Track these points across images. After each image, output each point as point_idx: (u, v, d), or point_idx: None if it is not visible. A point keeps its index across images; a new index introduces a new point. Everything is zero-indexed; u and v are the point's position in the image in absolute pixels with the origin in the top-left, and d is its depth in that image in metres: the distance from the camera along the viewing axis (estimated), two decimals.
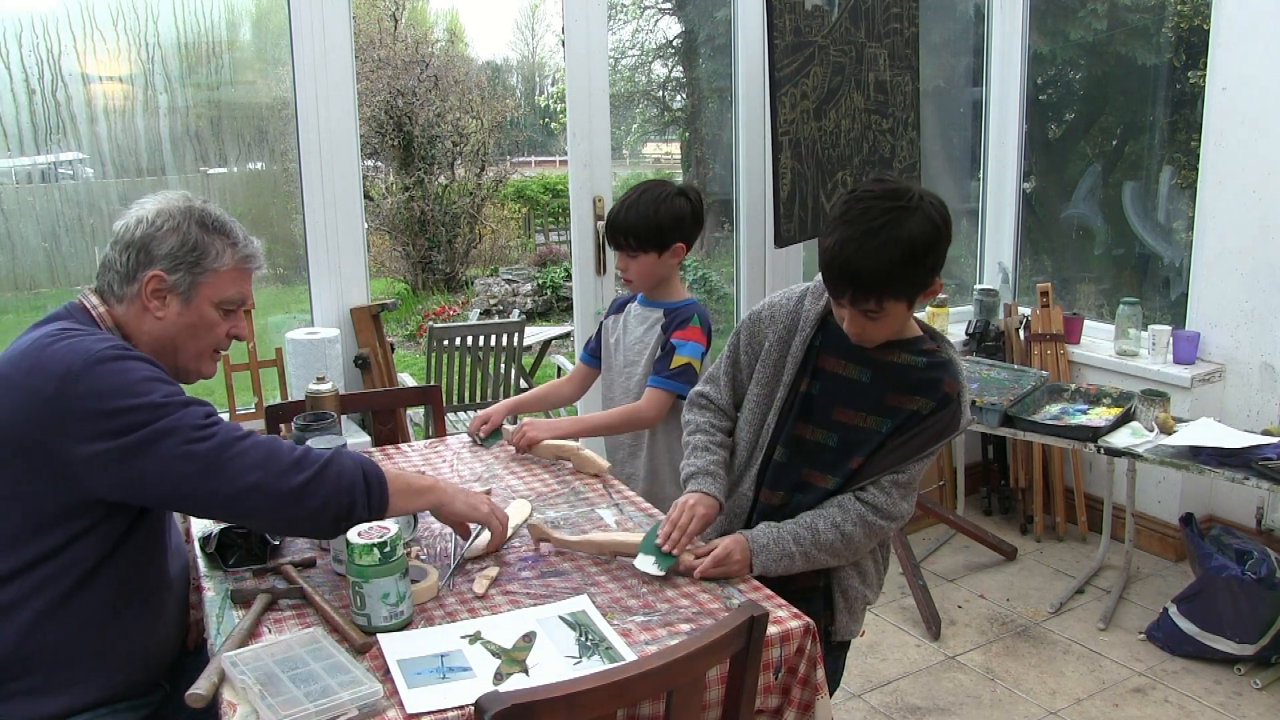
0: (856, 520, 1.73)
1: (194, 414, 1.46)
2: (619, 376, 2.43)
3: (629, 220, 2.28)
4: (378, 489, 1.56)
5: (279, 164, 3.24)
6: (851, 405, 1.76)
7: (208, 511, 1.53)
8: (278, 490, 1.46)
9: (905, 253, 1.58)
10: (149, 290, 1.58)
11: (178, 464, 1.42)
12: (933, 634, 3.15)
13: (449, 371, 4.86)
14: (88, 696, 1.52)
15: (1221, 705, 2.77)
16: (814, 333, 1.80)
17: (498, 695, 1.17)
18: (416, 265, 11.03)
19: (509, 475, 2.19)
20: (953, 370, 1.74)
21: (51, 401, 1.41)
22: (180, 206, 1.62)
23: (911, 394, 1.73)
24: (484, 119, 11.27)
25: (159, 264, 1.58)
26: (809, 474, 1.81)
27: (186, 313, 1.61)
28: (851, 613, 1.85)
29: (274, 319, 3.39)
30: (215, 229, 1.63)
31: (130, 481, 1.43)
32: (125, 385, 1.44)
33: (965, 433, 3.84)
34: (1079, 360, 3.89)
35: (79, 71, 2.83)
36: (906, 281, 1.62)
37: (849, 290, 1.62)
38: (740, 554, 1.70)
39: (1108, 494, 3.55)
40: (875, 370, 1.75)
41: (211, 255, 1.61)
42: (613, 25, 9.41)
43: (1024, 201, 4.34)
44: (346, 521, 1.53)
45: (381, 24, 10.83)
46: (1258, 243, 3.39)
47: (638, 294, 2.44)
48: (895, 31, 3.52)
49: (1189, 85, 4.03)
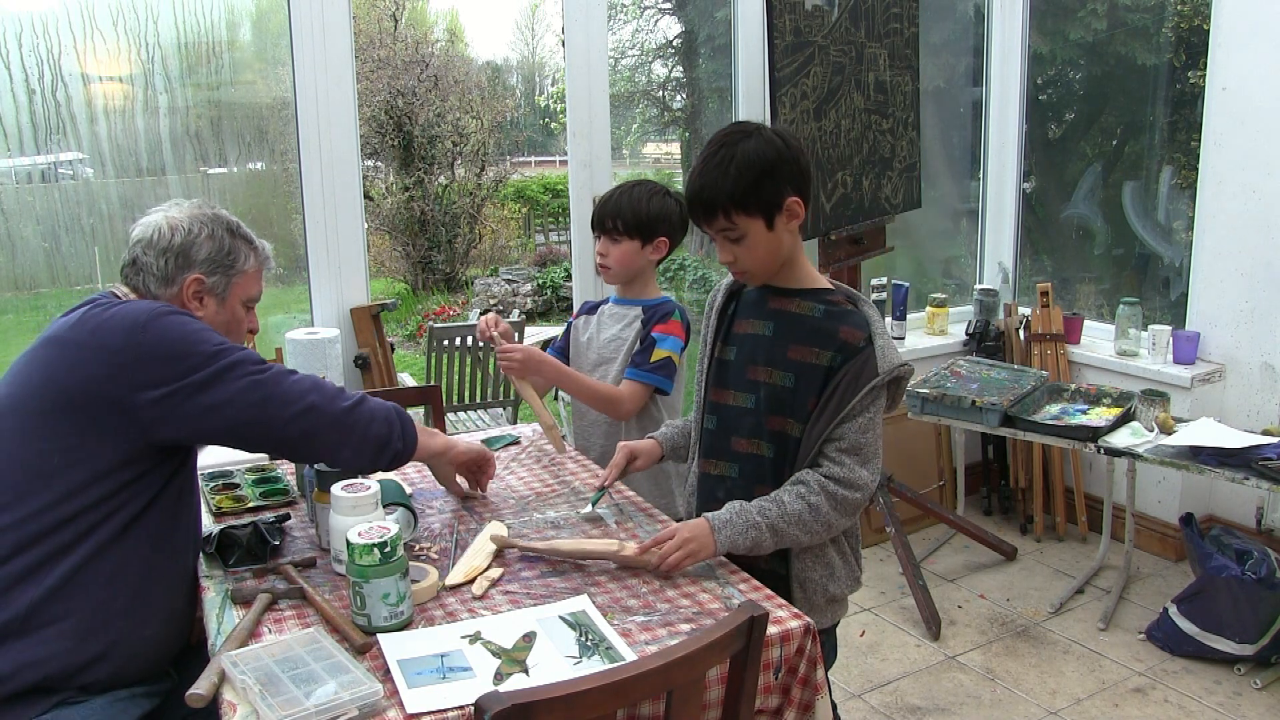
0: (818, 490, 1.70)
1: (250, 354, 1.65)
2: (591, 373, 2.39)
3: (618, 204, 2.31)
4: (409, 423, 1.75)
5: (279, 164, 3.23)
6: (761, 362, 1.80)
7: (266, 434, 1.63)
8: (331, 411, 1.64)
9: (740, 167, 1.66)
10: (190, 292, 1.74)
11: (244, 393, 1.59)
12: (933, 634, 3.15)
13: (449, 371, 4.86)
14: (115, 650, 1.59)
15: (1221, 705, 2.77)
16: (725, 301, 1.89)
17: (498, 695, 1.17)
18: (416, 265, 11.03)
19: (509, 475, 2.19)
20: (853, 320, 1.73)
21: (121, 352, 1.56)
22: (210, 215, 1.79)
23: (809, 345, 1.74)
24: (484, 119, 11.28)
25: (199, 268, 1.75)
26: (737, 441, 1.83)
27: (222, 311, 1.79)
28: (811, 604, 1.81)
29: (274, 319, 3.39)
30: (240, 235, 1.81)
31: (197, 416, 1.57)
32: (188, 334, 1.61)
33: (967, 433, 3.86)
34: (1079, 360, 3.89)
35: (79, 71, 2.83)
36: (752, 196, 1.67)
37: (701, 213, 1.73)
38: (699, 534, 1.68)
39: (1108, 494, 3.55)
40: (777, 323, 1.79)
41: (242, 259, 1.80)
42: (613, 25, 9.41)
43: (1024, 201, 4.34)
44: (384, 451, 1.70)
45: (381, 24, 10.83)
46: (1258, 243, 3.39)
47: (610, 296, 2.45)
48: (895, 31, 3.52)
49: (1189, 85, 4.03)
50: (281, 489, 2.06)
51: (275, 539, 1.77)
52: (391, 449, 1.71)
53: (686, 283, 8.81)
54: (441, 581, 1.67)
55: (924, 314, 4.22)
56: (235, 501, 2.00)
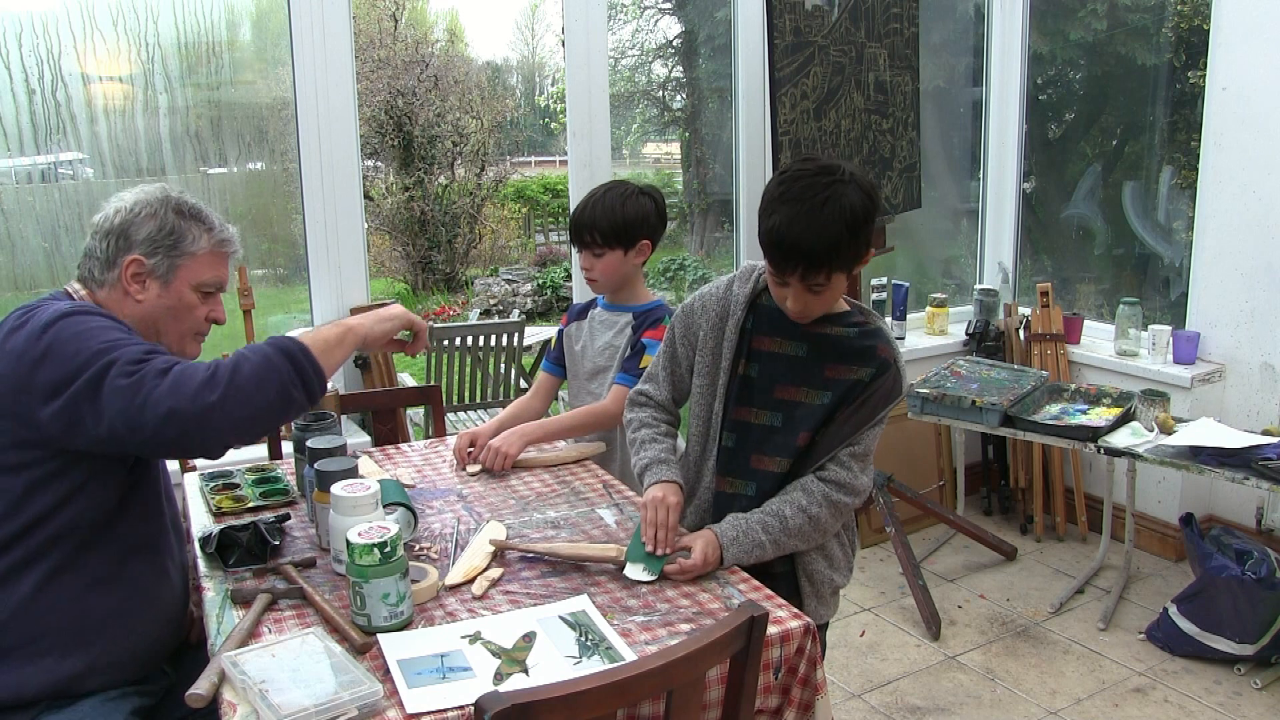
0: (821, 501, 1.76)
1: (129, 353, 1.48)
2: (588, 383, 2.39)
3: (594, 216, 2.25)
4: (300, 356, 1.53)
5: (279, 164, 3.23)
6: (792, 381, 1.80)
7: (149, 443, 1.48)
8: (195, 410, 1.43)
9: (849, 225, 1.62)
10: (129, 274, 1.64)
11: (111, 400, 1.44)
12: (933, 634, 3.15)
13: (449, 371, 4.86)
14: (99, 660, 1.56)
15: (1221, 705, 2.77)
16: (745, 315, 1.83)
17: (498, 695, 1.17)
18: (416, 265, 11.04)
19: (509, 475, 2.19)
20: (884, 337, 1.80)
21: (22, 362, 1.47)
22: (158, 195, 1.67)
23: (849, 364, 1.77)
24: (484, 119, 11.28)
25: (138, 248, 1.64)
26: (757, 459, 1.83)
27: (166, 295, 1.66)
28: (819, 597, 1.86)
29: (274, 319, 3.39)
30: (191, 215, 1.68)
31: (92, 426, 1.46)
32: (79, 334, 1.48)
33: (967, 433, 3.86)
34: (1079, 360, 3.89)
35: (79, 71, 2.83)
36: (851, 253, 1.66)
37: (800, 266, 1.65)
38: (712, 552, 1.71)
39: (1108, 494, 3.55)
40: (811, 344, 1.79)
41: (188, 239, 1.67)
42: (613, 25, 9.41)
43: (1024, 201, 4.34)
44: (286, 410, 1.52)
45: (381, 24, 10.84)
46: (1258, 243, 3.39)
47: (598, 298, 2.42)
48: (895, 31, 3.52)
49: (1189, 85, 4.02)
50: (281, 489, 2.06)
51: (275, 539, 1.76)
52: (294, 404, 1.52)
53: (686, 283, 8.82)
54: (441, 581, 1.67)
55: (924, 314, 4.22)
56: (235, 501, 2.00)
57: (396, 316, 1.75)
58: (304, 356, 1.53)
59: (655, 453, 1.87)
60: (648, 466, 1.85)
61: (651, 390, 1.97)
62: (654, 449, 1.88)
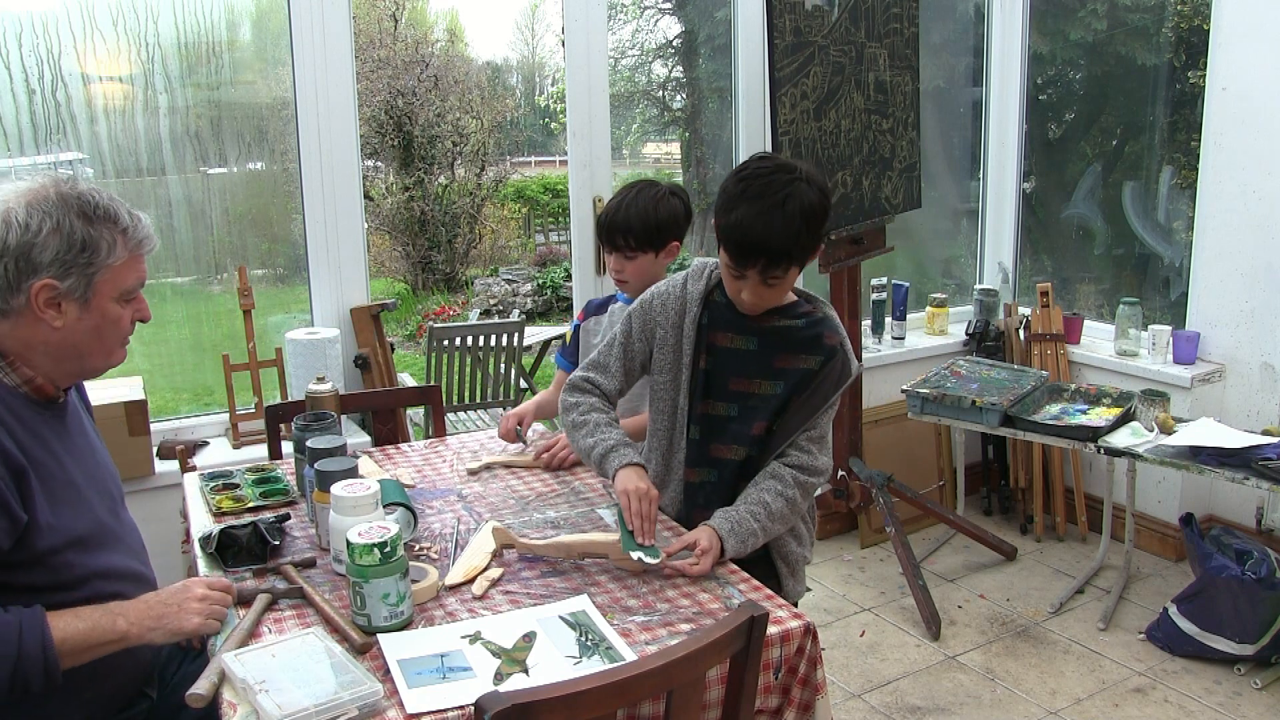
0: (793, 484, 1.85)
1: None
2: None
3: (628, 220, 2.22)
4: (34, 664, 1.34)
5: (279, 164, 3.23)
6: (744, 374, 1.88)
7: None
8: None
9: (808, 221, 1.71)
10: (40, 301, 1.43)
11: None
12: (933, 634, 3.15)
13: (449, 371, 4.86)
14: (71, 703, 1.50)
15: (1221, 705, 2.77)
16: (700, 311, 1.89)
17: (498, 695, 1.17)
18: (416, 265, 11.04)
19: (509, 475, 2.19)
20: (830, 324, 1.88)
21: None
22: (54, 197, 1.44)
23: (798, 354, 1.86)
24: (484, 119, 11.28)
25: (46, 271, 1.42)
26: (717, 449, 1.92)
27: (87, 315, 1.47)
28: (795, 575, 1.98)
29: (274, 319, 3.39)
30: (100, 217, 1.46)
31: None
32: None
33: (967, 433, 3.86)
34: (1079, 360, 3.89)
35: (79, 71, 2.83)
36: (807, 248, 1.75)
37: (761, 260, 1.72)
38: (713, 544, 1.75)
39: (1108, 494, 3.55)
40: (761, 337, 1.87)
41: (103, 251, 1.45)
42: (613, 25, 9.41)
43: (1024, 201, 4.34)
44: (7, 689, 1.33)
45: (381, 24, 10.83)
46: (1258, 243, 3.39)
47: (617, 294, 2.40)
48: (895, 31, 3.52)
49: (1189, 85, 4.02)
50: (281, 489, 2.06)
51: (275, 539, 1.76)
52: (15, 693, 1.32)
53: None
54: (441, 581, 1.67)
55: (924, 314, 4.22)
56: (235, 501, 2.00)
57: (188, 625, 1.47)
58: (35, 661, 1.34)
59: (616, 436, 1.86)
60: (613, 448, 1.83)
61: (599, 379, 1.96)
62: (612, 432, 1.87)
